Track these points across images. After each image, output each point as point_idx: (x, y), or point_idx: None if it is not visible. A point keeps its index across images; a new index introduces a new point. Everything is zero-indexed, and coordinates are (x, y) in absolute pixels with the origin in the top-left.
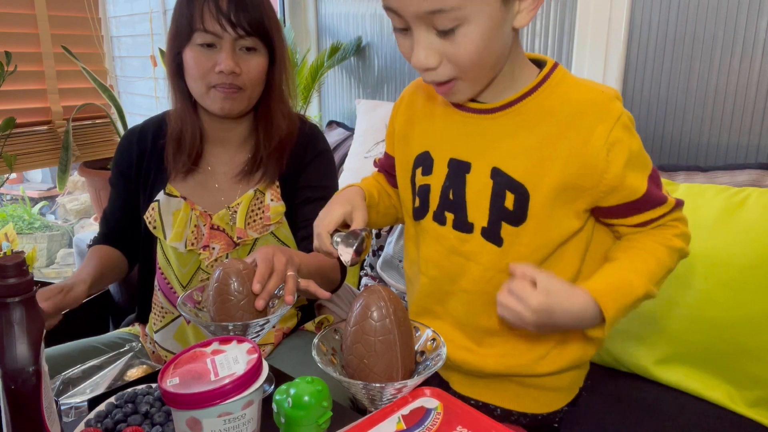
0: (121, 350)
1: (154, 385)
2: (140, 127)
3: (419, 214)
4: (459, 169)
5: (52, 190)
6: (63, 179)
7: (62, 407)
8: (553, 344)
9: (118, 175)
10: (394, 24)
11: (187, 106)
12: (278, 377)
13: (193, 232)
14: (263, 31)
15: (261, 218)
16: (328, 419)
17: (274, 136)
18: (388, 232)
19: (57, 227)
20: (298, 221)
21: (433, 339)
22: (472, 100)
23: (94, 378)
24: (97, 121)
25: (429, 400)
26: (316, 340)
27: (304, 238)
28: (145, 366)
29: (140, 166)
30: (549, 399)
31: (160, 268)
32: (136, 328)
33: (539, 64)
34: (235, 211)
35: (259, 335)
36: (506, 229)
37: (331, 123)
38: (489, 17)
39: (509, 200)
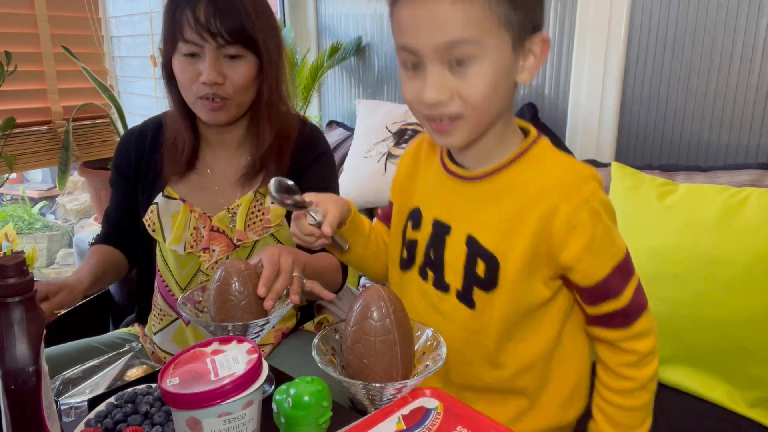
0: (121, 350)
1: (154, 385)
2: (139, 127)
3: (406, 265)
4: (441, 231)
5: (52, 190)
6: (63, 179)
7: (62, 407)
8: (527, 407)
9: (117, 175)
10: (404, 64)
11: (180, 111)
12: (278, 377)
13: (192, 234)
14: (246, 38)
15: (261, 220)
16: (328, 419)
17: (271, 138)
18: None
19: (57, 227)
20: None
21: (433, 339)
22: (459, 164)
23: (94, 378)
24: (97, 121)
25: (429, 400)
26: (316, 340)
27: None
28: (145, 366)
29: (139, 167)
30: None
31: (159, 271)
32: (136, 329)
33: (525, 131)
34: (235, 213)
35: (259, 336)
36: (478, 294)
37: (331, 123)
38: (500, 59)
39: (480, 268)
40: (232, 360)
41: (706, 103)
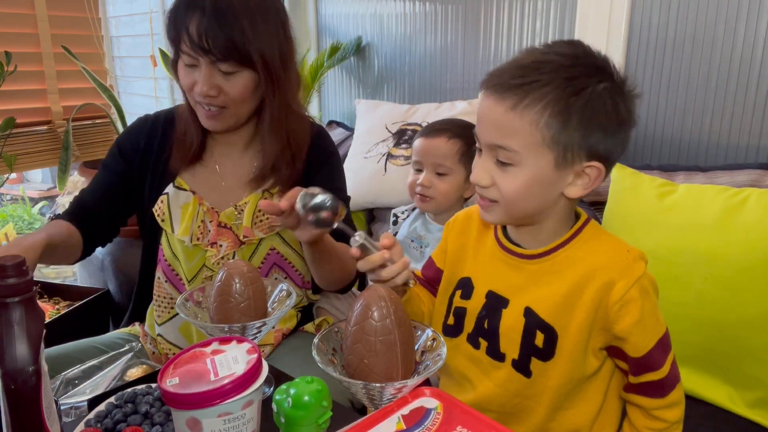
0: (121, 350)
1: (154, 385)
2: (153, 116)
3: (453, 332)
4: (497, 303)
5: (52, 190)
6: (63, 179)
7: (62, 407)
8: None
9: (118, 156)
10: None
11: (189, 107)
12: (278, 377)
13: (199, 227)
14: (241, 54)
15: (268, 218)
16: (328, 419)
17: (278, 150)
18: (405, 218)
19: None
20: None
21: (434, 339)
22: (516, 244)
23: (94, 378)
24: (97, 121)
25: (429, 400)
26: (316, 340)
27: None
28: (145, 366)
29: (146, 153)
30: None
31: (167, 261)
32: (136, 329)
33: (576, 214)
34: (242, 210)
35: (256, 338)
36: (535, 363)
37: (331, 123)
38: (538, 172)
39: (539, 339)
40: (231, 360)
41: (705, 104)
